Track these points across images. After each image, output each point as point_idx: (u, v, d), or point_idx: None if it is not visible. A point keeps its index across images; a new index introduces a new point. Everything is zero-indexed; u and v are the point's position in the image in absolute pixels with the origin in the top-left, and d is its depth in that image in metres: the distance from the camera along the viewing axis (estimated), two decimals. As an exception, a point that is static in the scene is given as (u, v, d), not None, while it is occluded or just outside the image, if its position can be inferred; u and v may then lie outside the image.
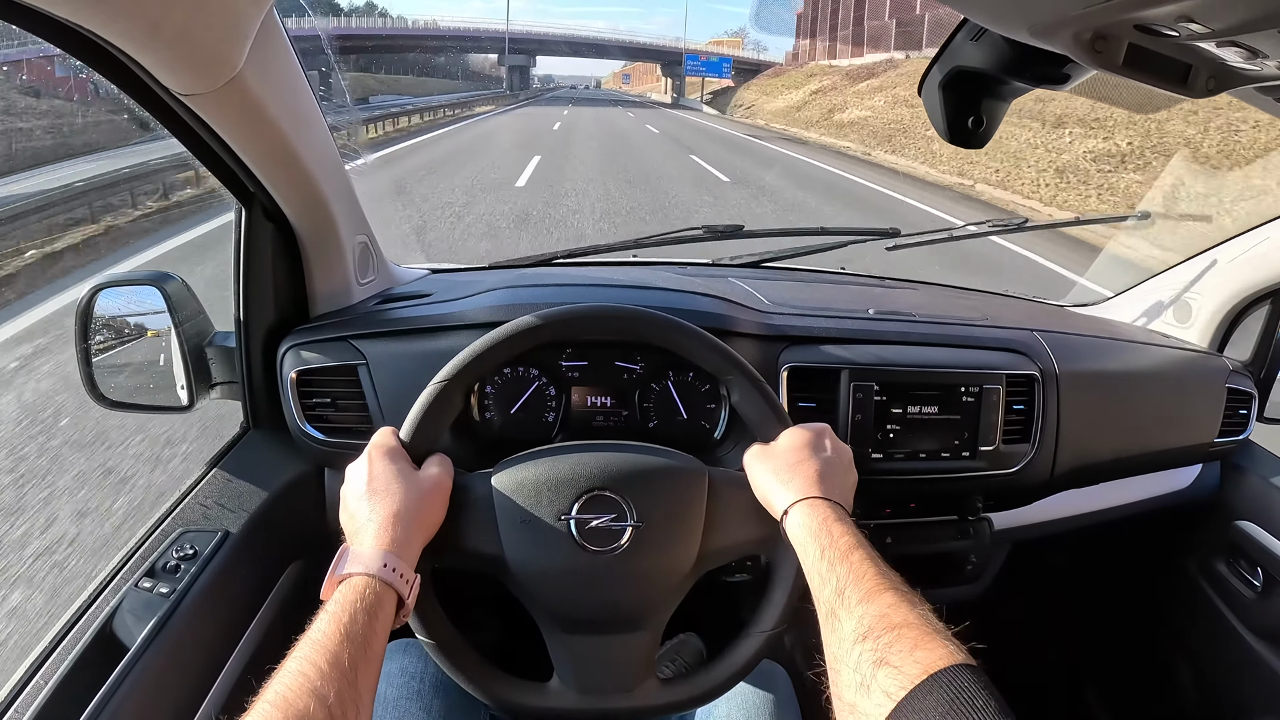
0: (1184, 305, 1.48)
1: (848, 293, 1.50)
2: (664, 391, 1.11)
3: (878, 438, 1.11)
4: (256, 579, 1.01)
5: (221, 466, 1.08)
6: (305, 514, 1.12)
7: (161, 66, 0.73)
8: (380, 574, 0.68)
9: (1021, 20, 0.57)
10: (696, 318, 0.97)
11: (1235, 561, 1.36)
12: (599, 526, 0.79)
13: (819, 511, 0.74)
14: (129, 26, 0.66)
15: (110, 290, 1.10)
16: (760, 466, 0.82)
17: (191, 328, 1.11)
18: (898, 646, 0.58)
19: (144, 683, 0.78)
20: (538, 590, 0.80)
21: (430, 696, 0.92)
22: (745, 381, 0.87)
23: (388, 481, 0.75)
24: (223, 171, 0.96)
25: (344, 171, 1.10)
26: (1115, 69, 0.56)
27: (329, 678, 0.58)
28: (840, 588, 0.66)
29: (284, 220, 1.06)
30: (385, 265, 1.32)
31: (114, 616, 0.83)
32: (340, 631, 0.62)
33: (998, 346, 1.20)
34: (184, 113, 0.82)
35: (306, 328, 1.11)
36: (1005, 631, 1.72)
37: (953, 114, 0.79)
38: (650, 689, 0.83)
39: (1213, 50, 0.52)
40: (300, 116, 0.93)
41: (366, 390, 1.06)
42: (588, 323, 0.90)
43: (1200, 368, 1.37)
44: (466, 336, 0.90)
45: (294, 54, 0.88)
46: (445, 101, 32.10)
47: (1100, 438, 1.25)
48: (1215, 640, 1.39)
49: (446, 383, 0.83)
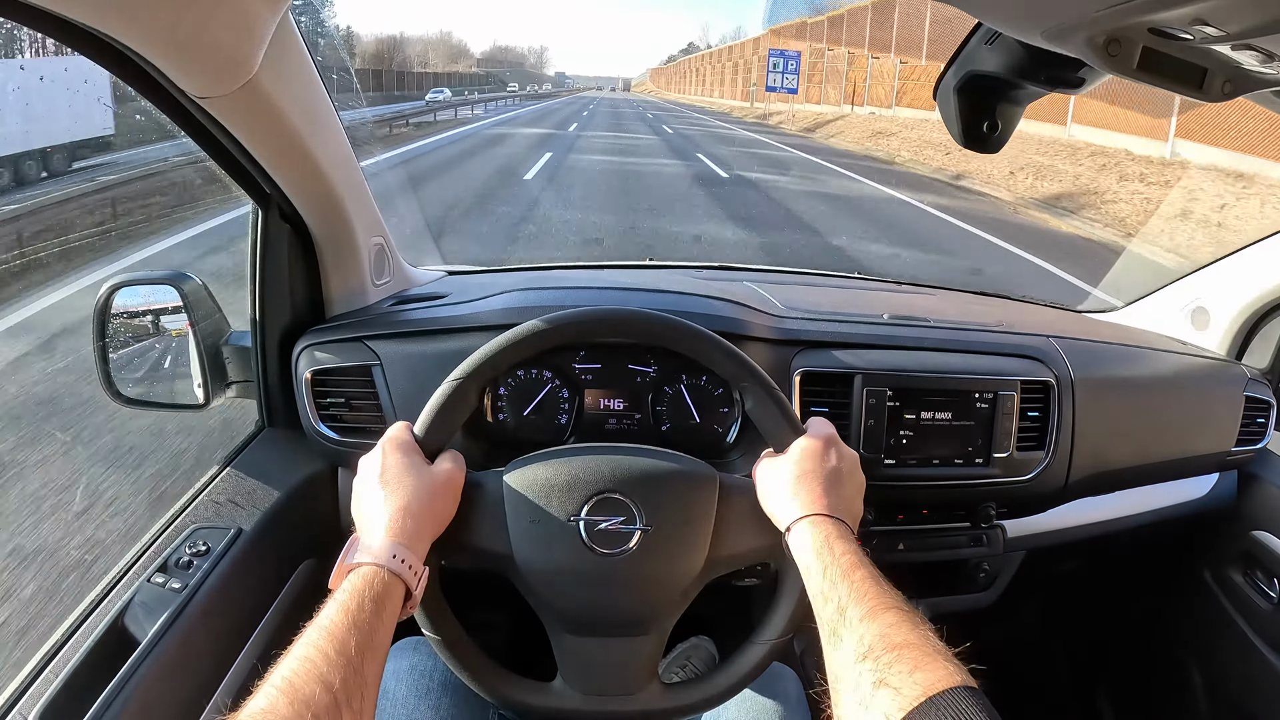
0: (1202, 312, 1.46)
1: (862, 297, 1.49)
2: (677, 395, 1.11)
3: (890, 443, 1.11)
4: (268, 576, 1.02)
5: (235, 464, 1.09)
6: (318, 512, 1.13)
7: (178, 70, 0.74)
8: (389, 564, 0.68)
9: (1035, 24, 0.56)
10: (710, 321, 0.97)
11: (1251, 572, 1.34)
12: (608, 529, 0.79)
13: (821, 529, 0.74)
14: (146, 31, 0.67)
15: (128, 289, 1.12)
16: (767, 478, 0.82)
17: (208, 327, 1.12)
18: (898, 667, 0.57)
19: (154, 677, 0.79)
20: (544, 590, 0.81)
21: (439, 695, 0.93)
22: (759, 389, 0.86)
23: (400, 474, 0.76)
24: (239, 173, 0.97)
25: (359, 173, 1.11)
26: (1130, 73, 0.55)
27: (335, 664, 0.58)
28: (841, 606, 0.66)
29: (300, 222, 1.07)
30: (401, 267, 1.33)
31: (126, 611, 0.84)
32: (348, 619, 0.62)
33: (1013, 352, 1.19)
34: (201, 116, 0.83)
35: (321, 328, 1.12)
36: (1018, 640, 1.72)
37: (967, 118, 0.79)
38: (654, 693, 0.83)
39: (1228, 54, 0.52)
40: (316, 119, 0.94)
41: (380, 390, 1.07)
42: (601, 325, 0.90)
43: (1218, 375, 1.35)
44: (480, 338, 0.91)
45: (309, 56, 0.89)
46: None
47: (1116, 445, 1.23)
48: (1230, 651, 1.37)
49: (462, 380, 0.83)
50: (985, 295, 1.65)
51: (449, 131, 19.67)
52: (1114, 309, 1.67)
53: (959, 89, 0.77)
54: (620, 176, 12.53)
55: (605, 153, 16.25)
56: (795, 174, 14.26)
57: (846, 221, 9.22)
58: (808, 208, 10.16)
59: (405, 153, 14.28)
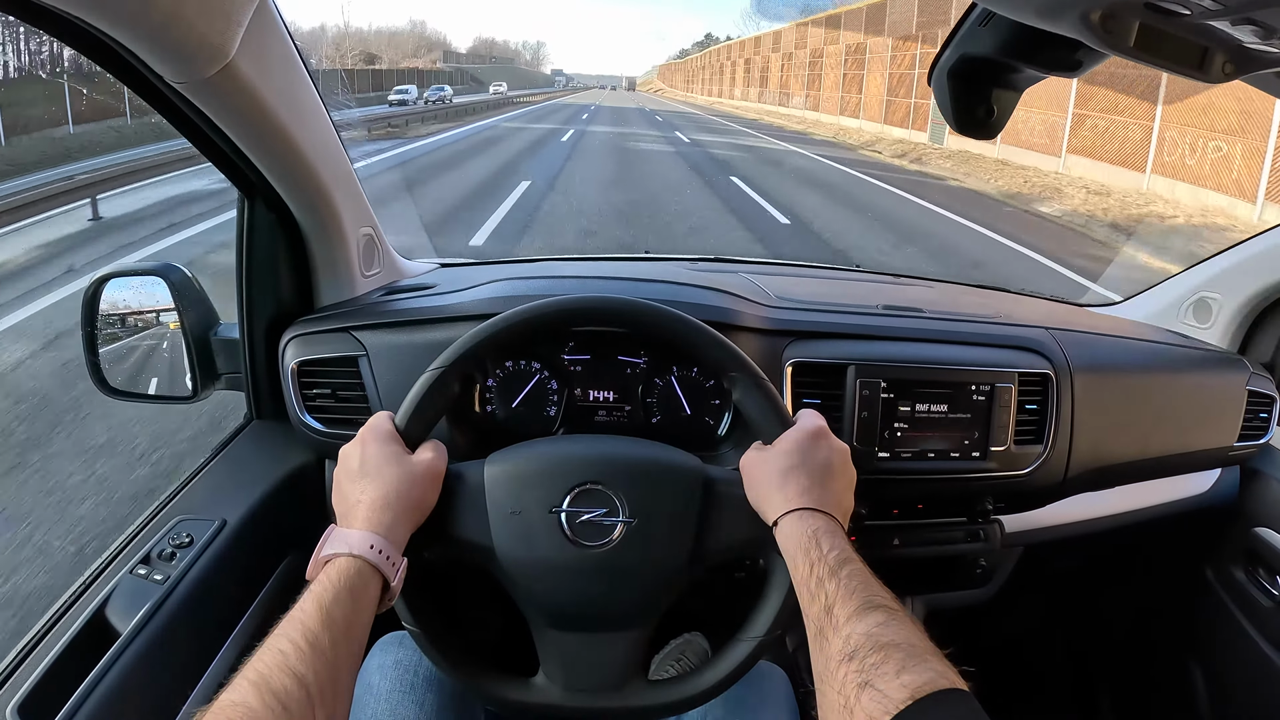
0: (1204, 305, 1.44)
1: (858, 288, 1.47)
2: (668, 387, 1.09)
3: (884, 436, 1.09)
4: (253, 568, 1.01)
5: (223, 456, 1.09)
6: (305, 505, 1.12)
7: (153, 54, 0.72)
8: (366, 555, 0.67)
9: (1028, 1, 0.55)
10: (699, 310, 0.95)
11: (1253, 569, 1.32)
12: (589, 521, 0.78)
13: (809, 524, 0.72)
14: (115, 13, 0.65)
15: (117, 280, 1.11)
16: (754, 471, 0.80)
17: (196, 318, 1.12)
18: (883, 669, 0.55)
19: (134, 669, 0.78)
20: (525, 583, 0.79)
21: (423, 690, 0.91)
22: (747, 379, 0.84)
23: (379, 464, 0.74)
24: (223, 162, 0.95)
25: (347, 163, 1.10)
26: (1127, 51, 0.53)
27: (307, 657, 0.57)
28: (828, 605, 0.64)
29: (287, 211, 1.06)
30: (391, 258, 1.32)
31: (107, 603, 0.83)
32: (321, 611, 0.61)
33: (1010, 344, 1.17)
34: (180, 102, 0.81)
35: (308, 319, 1.11)
36: (1015, 637, 1.71)
37: (962, 103, 0.77)
38: (638, 689, 0.81)
39: (1228, 30, 0.50)
40: (299, 106, 0.92)
41: (367, 381, 1.06)
42: (585, 312, 0.88)
43: (1220, 369, 1.33)
44: (465, 328, 0.89)
45: (291, 43, 0.88)
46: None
47: (1116, 440, 1.21)
48: (1231, 649, 1.35)
49: (443, 370, 0.82)
50: (982, 288, 1.64)
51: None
52: (1114, 303, 1.65)
53: (953, 73, 0.75)
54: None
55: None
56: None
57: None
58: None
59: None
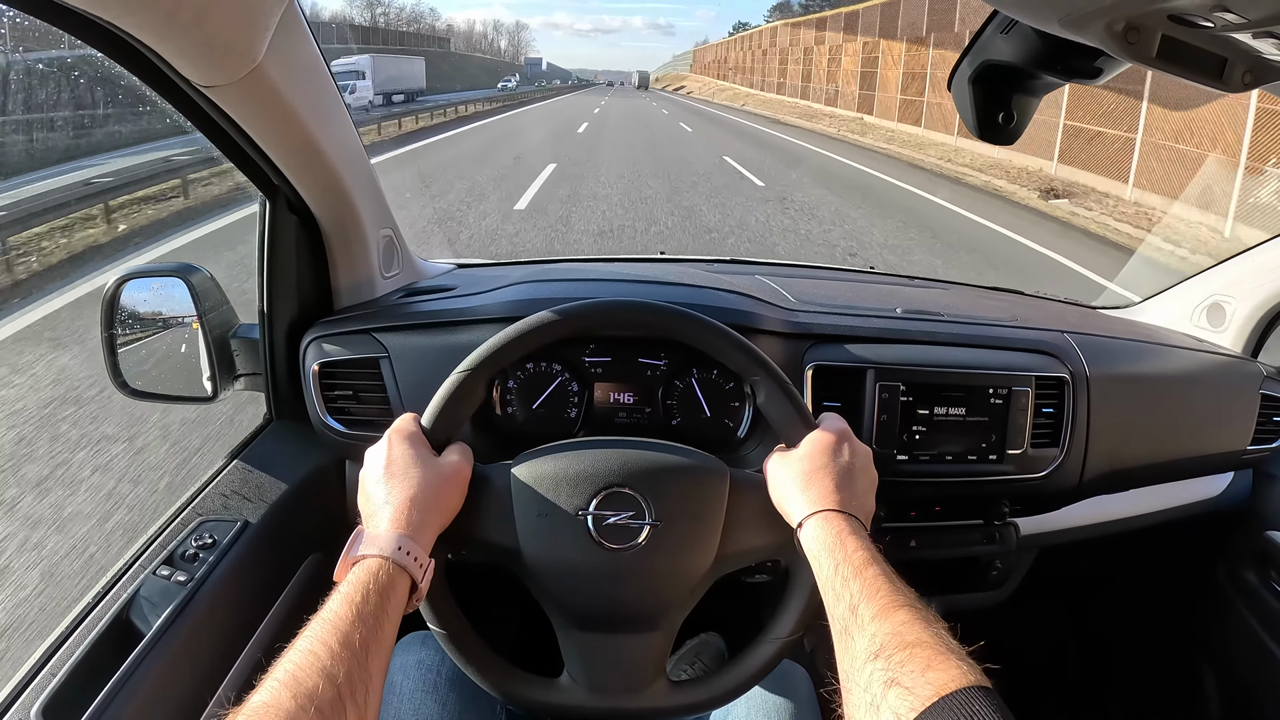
0: (1218, 309, 1.44)
1: (875, 291, 1.48)
2: (688, 389, 1.10)
3: (903, 439, 1.09)
4: (275, 569, 1.02)
5: (243, 457, 1.09)
6: (325, 505, 1.12)
7: (181, 58, 0.73)
8: (394, 556, 0.68)
9: (1052, 12, 0.55)
10: (721, 314, 0.96)
11: (1266, 572, 1.32)
12: (616, 524, 0.78)
13: (833, 525, 0.73)
14: (146, 18, 0.66)
15: (136, 281, 1.12)
16: (779, 473, 0.81)
17: (216, 319, 1.12)
18: (909, 666, 0.56)
19: (158, 670, 0.79)
20: (551, 585, 0.80)
21: (446, 690, 0.92)
22: (771, 382, 0.85)
23: (406, 466, 0.75)
24: (246, 164, 0.96)
25: (368, 164, 1.10)
26: (1149, 62, 0.54)
27: (339, 657, 0.58)
28: (853, 604, 0.65)
29: (308, 213, 1.07)
30: (410, 259, 1.33)
31: (131, 604, 0.84)
32: (352, 612, 0.62)
33: (1027, 348, 1.17)
34: (206, 105, 0.82)
35: (329, 320, 1.12)
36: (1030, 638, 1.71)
37: (983, 109, 0.77)
38: (661, 690, 0.82)
39: (1249, 42, 0.50)
40: (323, 109, 0.93)
41: (388, 383, 1.06)
42: (611, 317, 0.88)
43: (1234, 373, 1.33)
44: (488, 330, 0.90)
45: (316, 46, 0.89)
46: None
47: (1131, 443, 1.22)
48: (1243, 652, 1.35)
49: (469, 372, 0.82)
50: (999, 290, 1.64)
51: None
52: (1130, 305, 1.65)
53: (974, 79, 0.76)
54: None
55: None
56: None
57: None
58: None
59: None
